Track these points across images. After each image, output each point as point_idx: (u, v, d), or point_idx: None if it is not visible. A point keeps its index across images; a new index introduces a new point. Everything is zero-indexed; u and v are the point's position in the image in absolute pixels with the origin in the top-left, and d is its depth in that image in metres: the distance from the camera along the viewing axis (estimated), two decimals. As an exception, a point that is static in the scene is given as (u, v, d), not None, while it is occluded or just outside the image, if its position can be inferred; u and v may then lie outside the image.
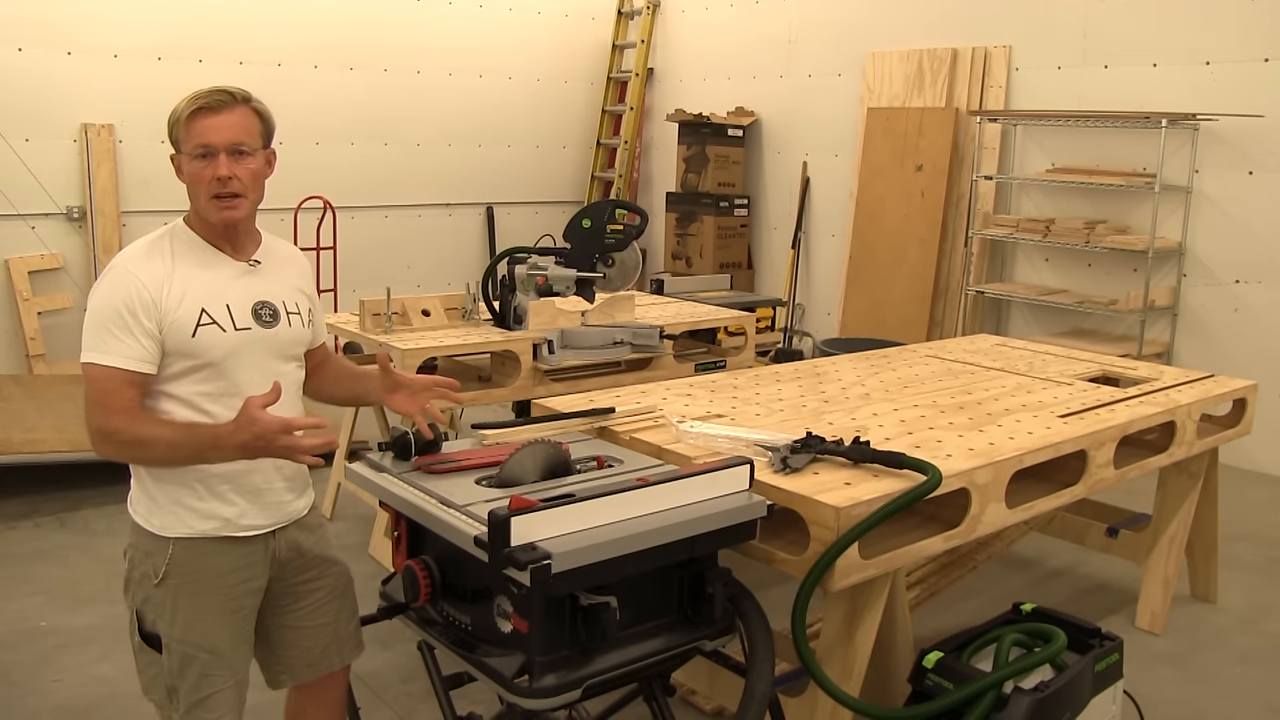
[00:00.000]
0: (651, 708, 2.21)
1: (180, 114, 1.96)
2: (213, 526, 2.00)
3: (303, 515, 2.17)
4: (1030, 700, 2.24)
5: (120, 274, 1.93)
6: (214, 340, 1.96)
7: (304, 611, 2.17)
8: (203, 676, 2.01)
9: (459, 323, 4.13)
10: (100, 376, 1.90)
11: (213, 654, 2.01)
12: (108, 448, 1.93)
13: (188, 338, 1.94)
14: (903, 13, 6.98)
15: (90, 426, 1.93)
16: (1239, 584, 4.01)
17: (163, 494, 2.00)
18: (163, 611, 2.00)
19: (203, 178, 1.95)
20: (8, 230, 6.08)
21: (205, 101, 1.95)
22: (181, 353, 1.95)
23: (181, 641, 2.00)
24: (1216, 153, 5.57)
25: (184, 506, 1.99)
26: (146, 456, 1.95)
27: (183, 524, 1.99)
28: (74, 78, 6.24)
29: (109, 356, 1.90)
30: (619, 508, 1.94)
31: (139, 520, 2.03)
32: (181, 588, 1.99)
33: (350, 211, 7.28)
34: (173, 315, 1.93)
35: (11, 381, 5.69)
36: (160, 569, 1.99)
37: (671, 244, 8.06)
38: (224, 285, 2.01)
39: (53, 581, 3.85)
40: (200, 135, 1.94)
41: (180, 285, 1.95)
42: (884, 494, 2.26)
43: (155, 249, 1.99)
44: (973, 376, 3.52)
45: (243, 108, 1.99)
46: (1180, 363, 5.69)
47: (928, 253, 6.73)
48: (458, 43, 7.89)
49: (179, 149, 1.98)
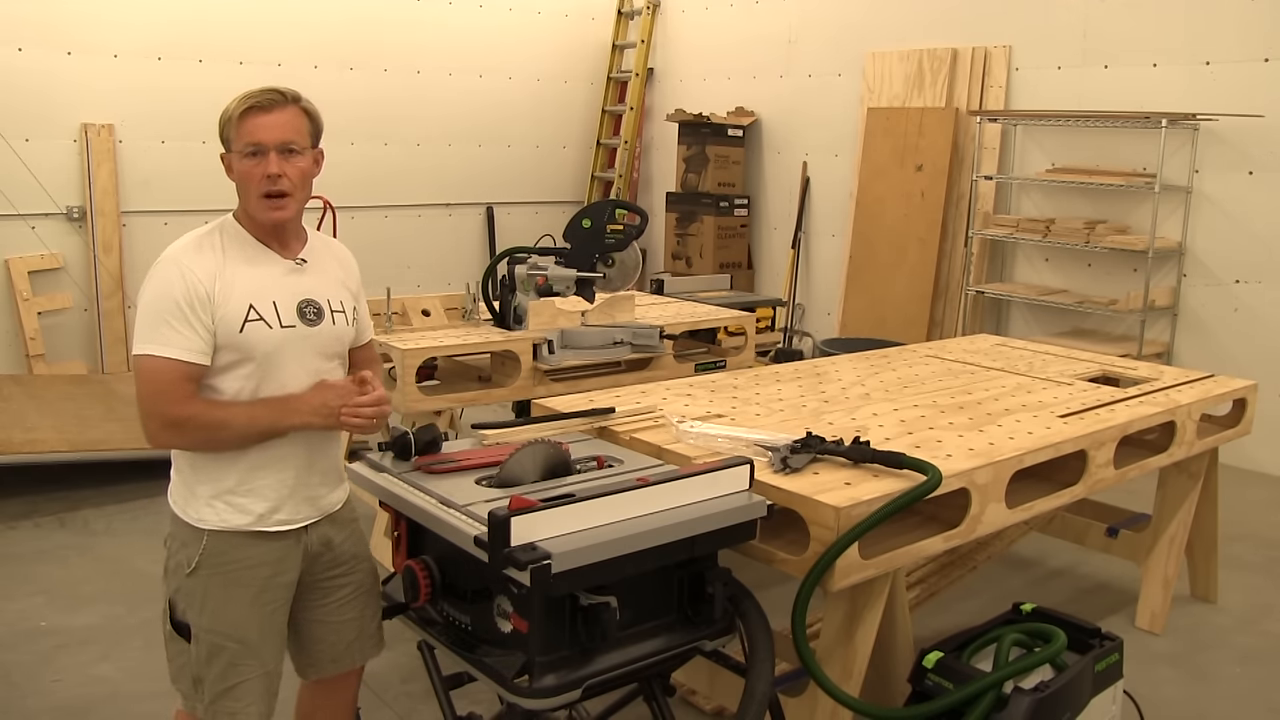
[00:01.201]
0: (651, 708, 2.21)
1: (231, 113, 1.99)
2: (247, 521, 2.03)
3: (336, 509, 2.18)
4: (1030, 700, 2.24)
5: (174, 267, 1.95)
6: (260, 336, 1.99)
7: (331, 607, 2.19)
8: (230, 666, 2.03)
9: (459, 323, 4.13)
10: (160, 368, 1.91)
11: (241, 644, 2.03)
12: (179, 437, 1.95)
13: (235, 333, 1.97)
14: (903, 13, 6.98)
15: (153, 419, 1.93)
16: (1239, 584, 4.01)
17: (202, 487, 2.02)
18: (193, 601, 2.03)
19: (253, 176, 1.98)
20: (8, 230, 6.08)
21: (257, 100, 1.99)
22: (230, 346, 1.97)
23: (210, 631, 2.02)
24: (1216, 153, 5.57)
25: (221, 500, 2.01)
26: (223, 438, 1.97)
27: (218, 516, 2.02)
28: (74, 78, 6.23)
29: (169, 348, 1.91)
30: (619, 508, 1.94)
31: (177, 511, 2.06)
32: (212, 579, 2.02)
33: (350, 211, 7.27)
34: (223, 309, 1.95)
35: (11, 381, 5.69)
36: (193, 559, 2.02)
37: (671, 244, 8.06)
38: (271, 282, 2.03)
39: (53, 581, 3.85)
40: (251, 134, 1.97)
41: (230, 280, 1.98)
42: (884, 494, 2.27)
43: (206, 243, 2.01)
44: (973, 376, 3.52)
45: (293, 107, 2.03)
46: (1180, 363, 5.69)
47: (928, 253, 6.73)
48: (458, 43, 7.89)
49: (229, 148, 2.01)
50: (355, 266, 2.27)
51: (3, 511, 4.50)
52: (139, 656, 3.30)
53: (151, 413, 1.93)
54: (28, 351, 6.10)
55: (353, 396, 2.01)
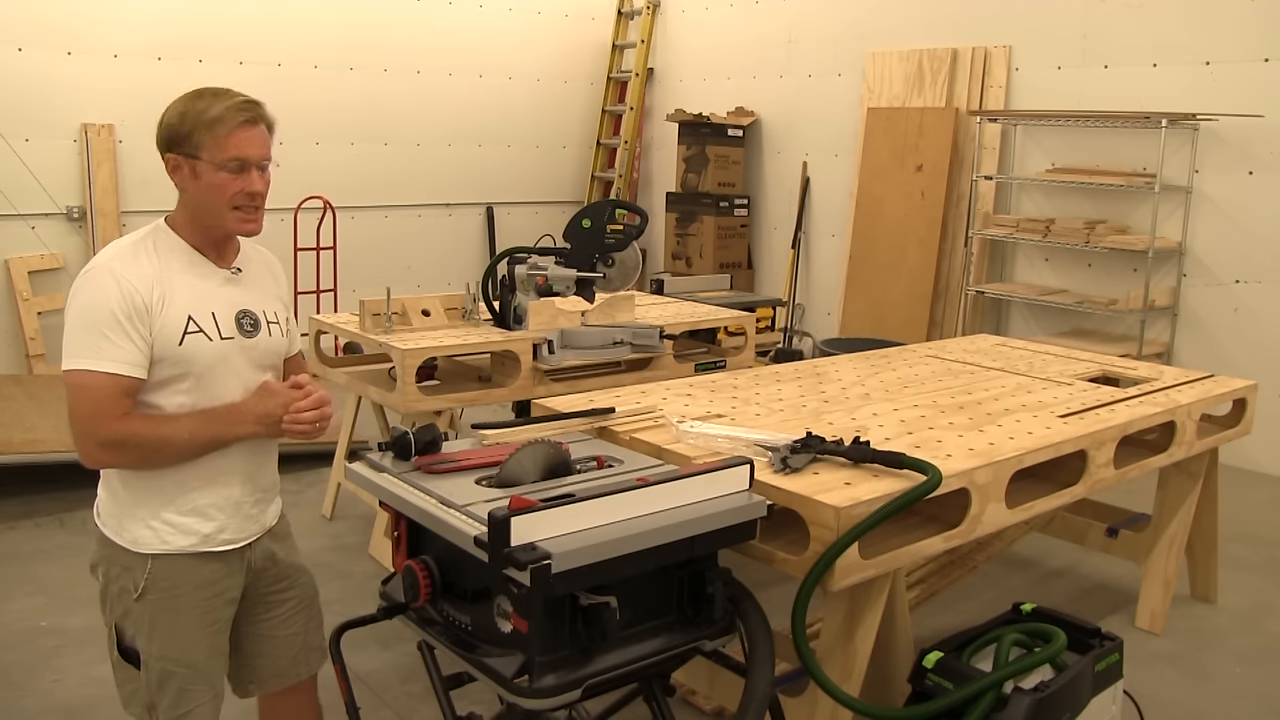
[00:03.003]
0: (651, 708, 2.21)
1: (210, 119, 1.87)
2: (191, 542, 1.97)
3: (274, 524, 2.16)
4: (1030, 700, 2.24)
5: (107, 276, 1.84)
6: (200, 349, 1.92)
7: (275, 621, 2.17)
8: (181, 692, 1.99)
9: (459, 323, 4.13)
10: (95, 384, 1.81)
11: (191, 669, 1.99)
12: (118, 456, 1.87)
13: (174, 346, 1.89)
14: (903, 13, 6.98)
15: (89, 439, 1.84)
16: (1239, 584, 4.01)
17: (140, 508, 1.95)
18: (141, 627, 1.98)
19: (229, 189, 1.90)
20: (8, 230, 6.08)
21: (247, 114, 1.90)
22: (168, 359, 1.89)
23: (160, 658, 1.97)
24: (1216, 153, 5.57)
25: (162, 522, 1.95)
26: (164, 455, 1.89)
27: (160, 539, 1.95)
28: (74, 78, 6.24)
29: (104, 362, 1.82)
30: (619, 508, 1.94)
31: (111, 535, 1.97)
32: (160, 603, 1.96)
33: (350, 211, 7.28)
34: (161, 321, 1.87)
35: (11, 381, 5.69)
36: (139, 584, 1.95)
37: (671, 244, 8.06)
38: (209, 293, 1.96)
39: (52, 581, 3.85)
40: (239, 148, 1.89)
41: (168, 290, 1.89)
42: (884, 494, 2.26)
43: (140, 250, 1.91)
44: (973, 376, 3.51)
45: (265, 119, 1.95)
46: (1180, 363, 5.69)
47: (928, 253, 6.73)
48: (458, 43, 7.90)
49: (197, 154, 1.89)
50: (285, 276, 2.20)
51: (3, 511, 4.50)
52: (139, 656, 3.29)
53: (88, 432, 1.82)
54: (28, 351, 6.11)
55: (293, 402, 1.93)
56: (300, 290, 6.47)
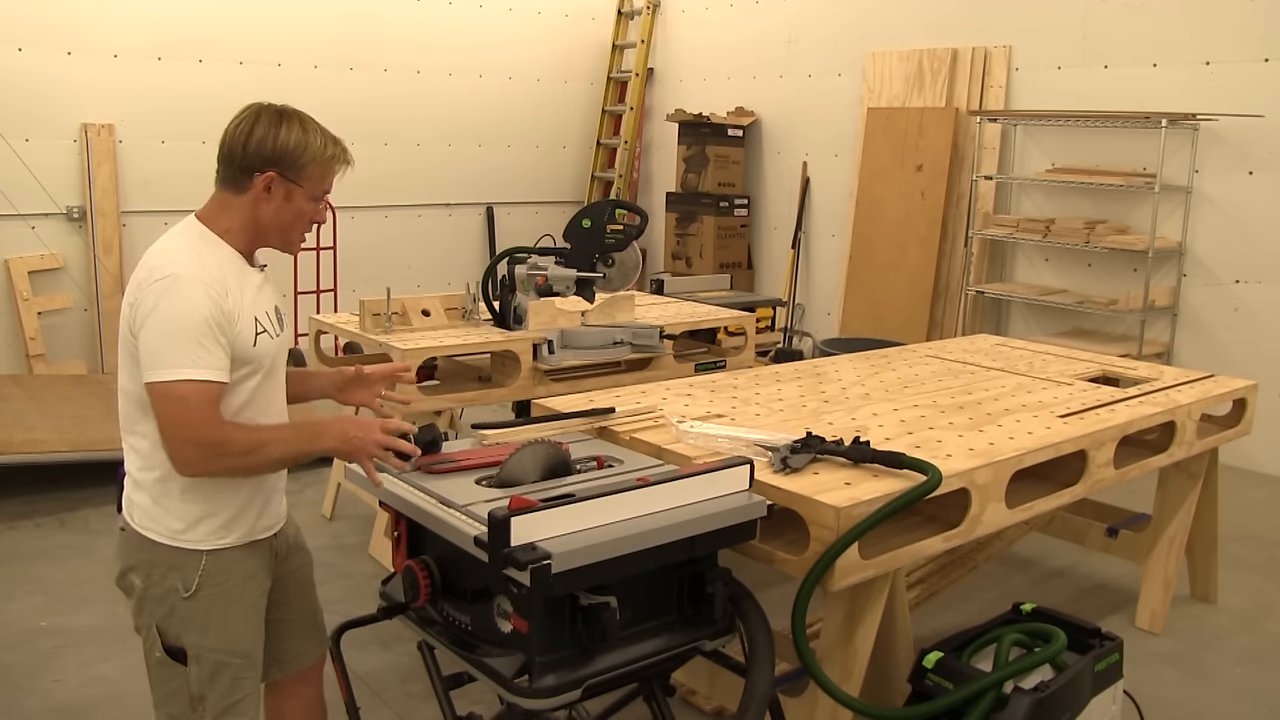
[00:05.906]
0: (651, 708, 2.21)
1: (326, 157, 2.01)
2: (240, 535, 2.03)
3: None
4: (1030, 700, 2.25)
5: (192, 285, 1.87)
6: (266, 348, 2.01)
7: (292, 602, 2.22)
8: (235, 681, 2.03)
9: (459, 323, 4.13)
10: (196, 393, 1.85)
11: (244, 658, 2.05)
12: (218, 462, 1.90)
13: (250, 347, 1.95)
14: (902, 13, 6.98)
15: (194, 446, 1.87)
16: (1239, 584, 4.01)
17: (194, 507, 1.98)
18: (193, 624, 1.99)
19: (305, 217, 2.04)
20: (8, 230, 6.08)
21: (348, 161, 2.07)
22: (241, 361, 1.95)
23: (214, 650, 2.00)
24: (1216, 153, 5.57)
25: (211, 518, 1.99)
26: (255, 461, 1.93)
27: (214, 536, 2.00)
28: (74, 78, 6.24)
29: (203, 371, 1.86)
30: (619, 508, 1.94)
31: (156, 537, 1.98)
32: (213, 598, 2.00)
33: (350, 211, 7.28)
34: (238, 326, 1.93)
35: (11, 381, 5.69)
36: (192, 582, 1.98)
37: (671, 244, 8.06)
38: (256, 293, 2.02)
39: (53, 581, 3.85)
40: (330, 183, 2.05)
41: (236, 295, 1.95)
42: (884, 494, 2.26)
43: (205, 255, 1.94)
44: (973, 376, 3.52)
45: None
46: (1180, 363, 5.69)
47: (928, 253, 6.73)
48: (458, 43, 7.89)
49: (297, 180, 1.99)
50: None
51: (3, 511, 4.50)
52: (139, 657, 3.27)
53: (192, 440, 1.86)
54: (28, 351, 6.11)
55: (377, 433, 2.01)
56: (300, 290, 6.46)
